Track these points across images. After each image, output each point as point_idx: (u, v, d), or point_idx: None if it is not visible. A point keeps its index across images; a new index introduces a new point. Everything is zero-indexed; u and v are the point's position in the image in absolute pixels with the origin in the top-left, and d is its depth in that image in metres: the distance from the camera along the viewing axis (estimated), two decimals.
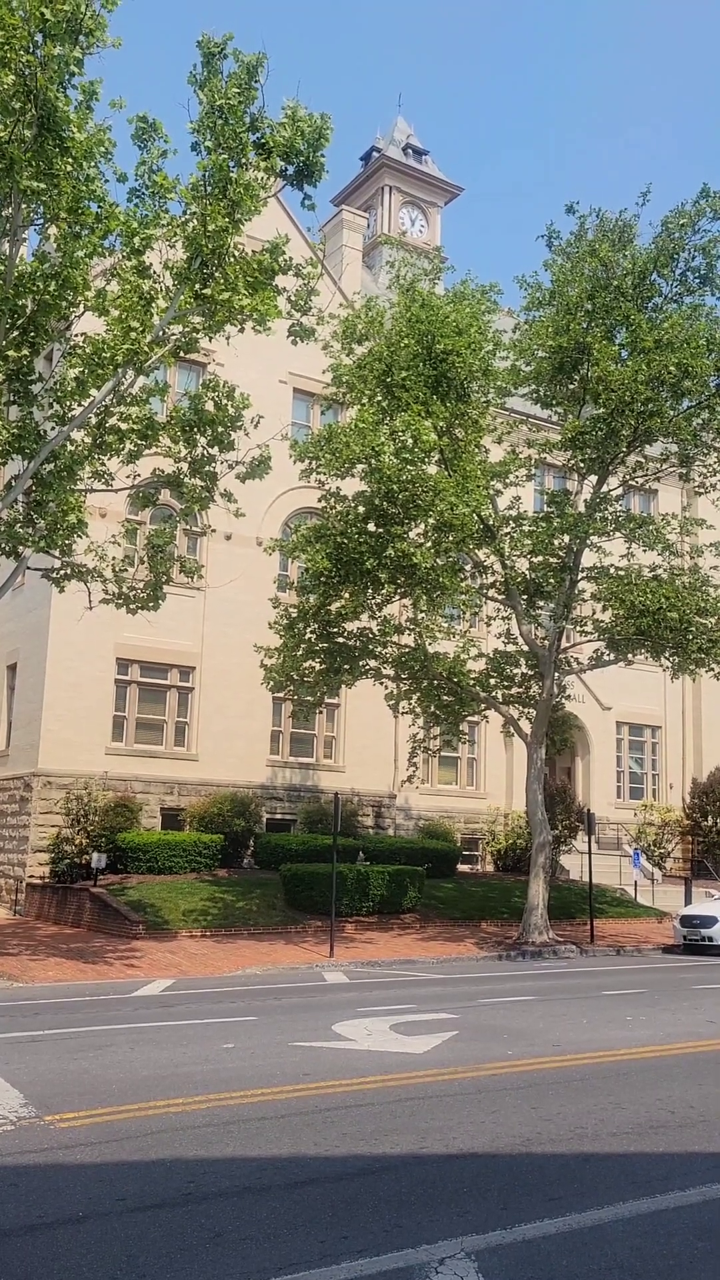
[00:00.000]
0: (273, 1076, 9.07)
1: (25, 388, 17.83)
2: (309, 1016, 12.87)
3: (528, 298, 24.42)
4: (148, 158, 16.50)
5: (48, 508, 18.41)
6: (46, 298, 16.75)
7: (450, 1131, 7.36)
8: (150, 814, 27.94)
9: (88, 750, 27.34)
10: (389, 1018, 12.46)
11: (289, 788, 30.74)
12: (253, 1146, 6.93)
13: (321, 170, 16.80)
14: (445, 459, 22.54)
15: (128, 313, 17.10)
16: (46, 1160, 6.61)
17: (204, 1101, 8.13)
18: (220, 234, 16.32)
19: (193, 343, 18.39)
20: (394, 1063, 9.81)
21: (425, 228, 43.99)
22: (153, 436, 18.63)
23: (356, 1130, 7.35)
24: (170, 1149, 6.84)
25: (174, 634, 28.56)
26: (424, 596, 22.29)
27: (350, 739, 31.95)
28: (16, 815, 27.90)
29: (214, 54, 15.97)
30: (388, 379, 22.39)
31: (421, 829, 32.47)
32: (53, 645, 27.11)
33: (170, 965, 18.84)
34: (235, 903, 24.31)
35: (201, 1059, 9.90)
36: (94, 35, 15.26)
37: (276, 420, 26.94)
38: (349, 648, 23.90)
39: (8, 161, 14.83)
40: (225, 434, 19.10)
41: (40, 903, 25.96)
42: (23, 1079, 8.79)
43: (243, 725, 29.73)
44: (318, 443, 22.61)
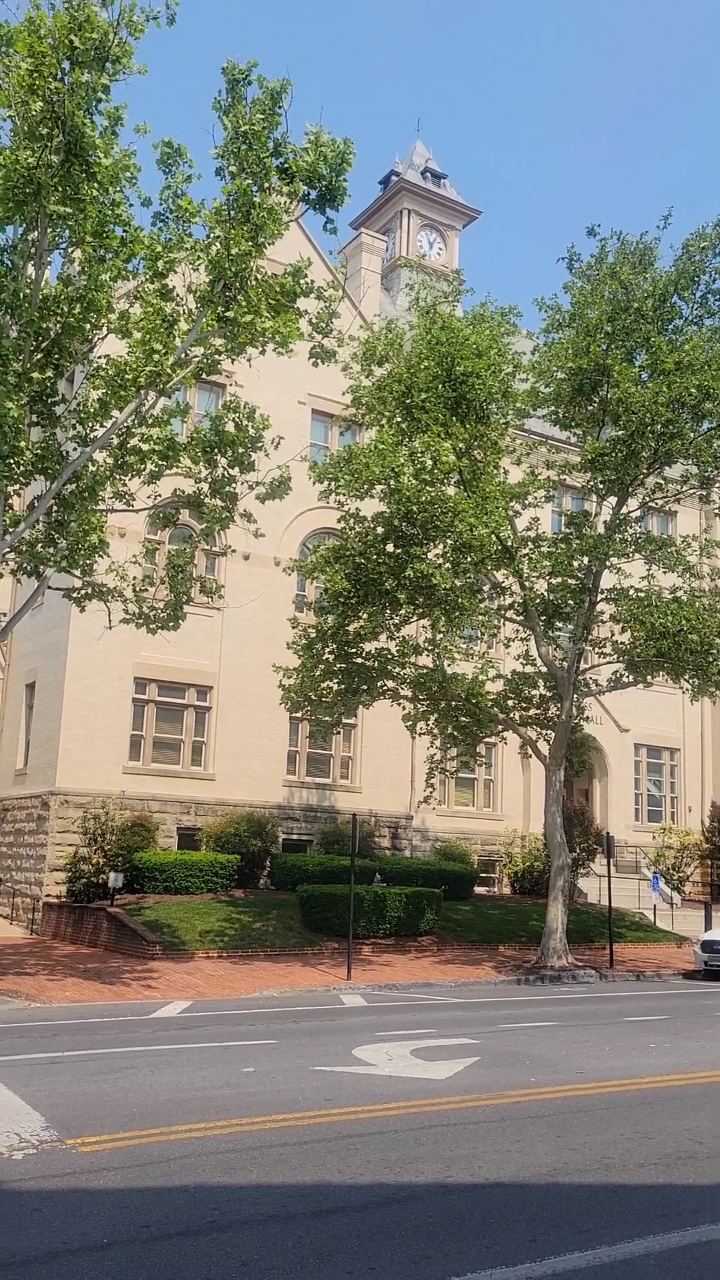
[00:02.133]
0: (294, 1102, 8.99)
1: (48, 409, 17.97)
2: (328, 1040, 12.78)
3: (547, 320, 24.49)
4: (172, 182, 16.68)
5: (69, 528, 18.50)
6: (70, 320, 16.91)
7: (475, 1160, 7.28)
8: (167, 834, 27.92)
9: (105, 769, 27.37)
10: (409, 1042, 12.36)
11: (305, 808, 30.67)
12: (276, 1173, 6.87)
13: (344, 194, 16.92)
14: (464, 480, 22.56)
15: (150, 335, 17.23)
16: (69, 1185, 6.56)
17: (226, 1126, 8.07)
18: (243, 257, 16.46)
19: (214, 364, 18.51)
20: (416, 1089, 9.72)
21: (444, 250, 44.22)
22: (173, 457, 18.73)
23: (381, 1158, 7.28)
24: (193, 1175, 6.79)
25: (192, 654, 28.61)
26: (442, 617, 22.27)
27: (367, 760, 31.88)
28: (34, 834, 27.92)
29: (239, 80, 16.14)
30: (407, 400, 22.47)
31: (438, 851, 32.32)
32: (71, 664, 27.20)
33: (188, 986, 18.77)
34: (252, 924, 24.22)
35: (222, 1082, 9.83)
36: (120, 62, 15.45)
37: (296, 441, 27.04)
38: (367, 668, 23.87)
39: (35, 187, 15.01)
40: (245, 455, 19.19)
41: (57, 922, 25.93)
42: (43, 1101, 8.75)
43: (260, 745, 29.71)
44: (337, 463, 22.68)
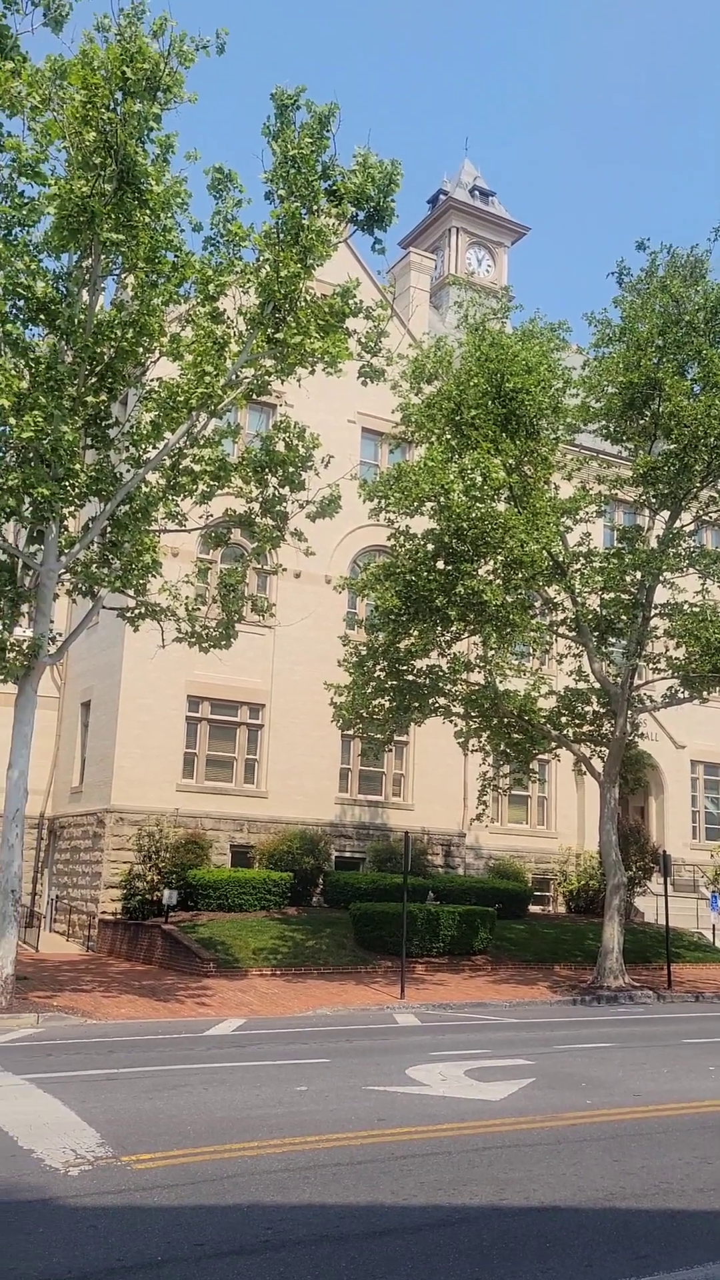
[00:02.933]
0: (348, 1121, 8.97)
1: (102, 432, 18.27)
2: (382, 1060, 12.73)
3: (597, 334, 24.41)
4: (222, 207, 16.93)
5: (123, 548, 18.76)
6: (124, 345, 17.19)
7: (530, 1183, 7.20)
8: (220, 851, 28.05)
9: (159, 787, 27.59)
10: (463, 1063, 12.27)
11: (358, 826, 30.64)
12: (330, 1193, 6.85)
13: (392, 215, 17.05)
14: (515, 496, 22.51)
15: (202, 357, 17.46)
16: (124, 1202, 6.60)
17: (280, 1145, 8.07)
18: (292, 279, 16.64)
19: (264, 385, 18.71)
20: (470, 1110, 9.64)
21: (492, 267, 44.28)
22: (225, 477, 18.94)
23: (434, 1179, 7.23)
24: (247, 1194, 6.79)
25: (244, 671, 28.78)
26: (494, 634, 22.19)
27: (419, 777, 31.79)
28: (90, 851, 28.21)
29: (287, 105, 16.36)
30: (456, 417, 22.49)
31: (492, 868, 32.09)
32: (126, 683, 27.50)
33: (241, 1004, 18.81)
34: (305, 941, 24.22)
35: (275, 1101, 9.84)
36: (171, 91, 15.75)
37: (346, 460, 27.16)
38: (418, 685, 23.84)
39: (89, 215, 15.31)
40: (296, 474, 19.34)
41: (112, 939, 26.15)
42: (99, 1118, 8.81)
43: (312, 763, 29.77)
44: (386, 481, 22.75)
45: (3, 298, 16.01)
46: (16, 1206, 6.47)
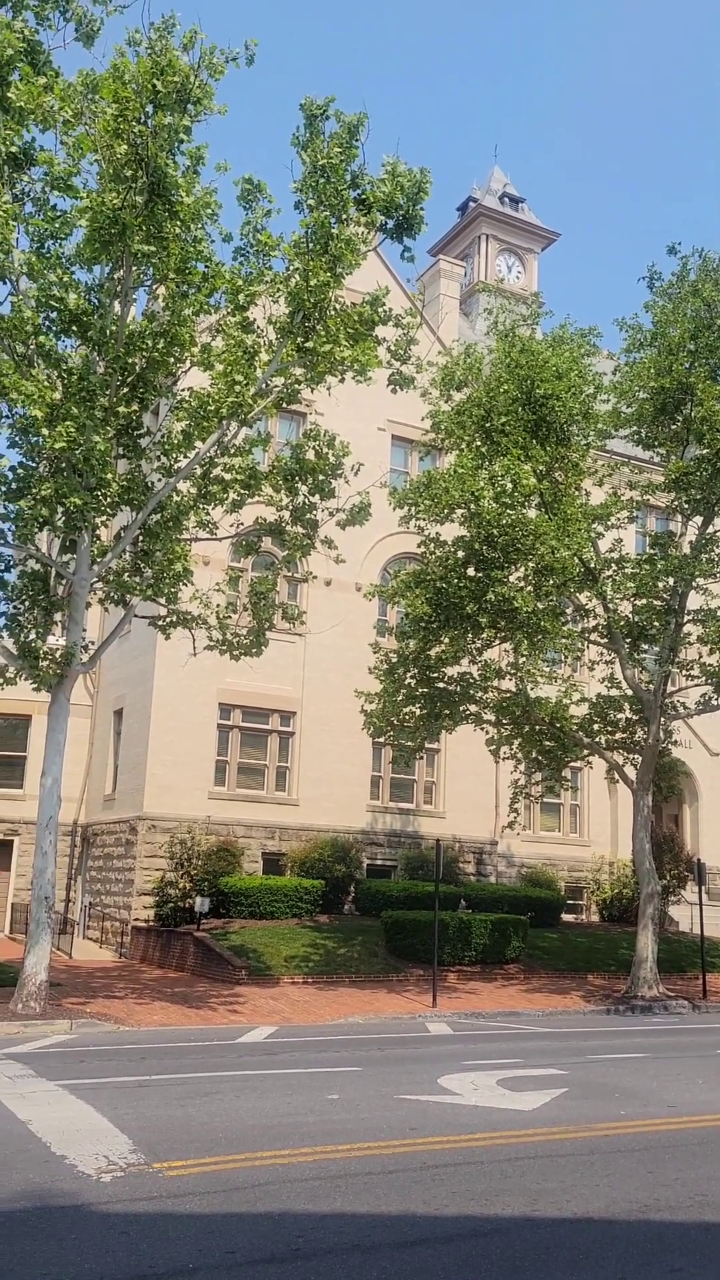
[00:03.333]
0: (379, 1130, 8.94)
1: (134, 442, 18.40)
2: (413, 1068, 12.68)
3: (628, 339, 24.29)
4: (252, 217, 17.03)
5: (154, 557, 18.88)
6: (155, 355, 17.31)
7: (563, 1194, 7.14)
8: (252, 858, 28.10)
9: (191, 794, 27.70)
10: (495, 1072, 12.19)
11: (389, 833, 30.59)
12: (361, 1202, 6.82)
13: (421, 223, 17.08)
14: (545, 502, 22.43)
15: (232, 367, 17.55)
16: (156, 1209, 6.61)
17: (311, 1154, 8.05)
18: (322, 288, 16.69)
19: (294, 394, 18.78)
20: (502, 1120, 9.58)
21: (522, 274, 44.23)
22: (255, 486, 19.01)
23: (466, 1189, 7.18)
24: (278, 1202, 6.78)
25: (275, 679, 28.84)
26: (525, 641, 22.11)
27: (451, 785, 31.70)
28: (122, 858, 28.35)
29: (316, 116, 16.44)
30: (486, 424, 22.45)
31: (524, 877, 31.93)
32: (157, 691, 27.64)
33: (273, 1012, 18.81)
34: (336, 949, 24.20)
35: (307, 1109, 9.82)
36: (201, 104, 15.88)
37: (376, 467, 27.20)
38: (449, 693, 23.79)
39: (120, 227, 15.45)
40: (326, 482, 19.38)
41: (145, 946, 26.25)
42: (131, 1125, 8.84)
43: (343, 770, 29.77)
44: (417, 488, 22.75)
45: (36, 310, 16.18)
46: (49, 1212, 6.50)
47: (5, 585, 18.96)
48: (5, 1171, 7.35)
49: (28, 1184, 7.07)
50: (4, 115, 16.02)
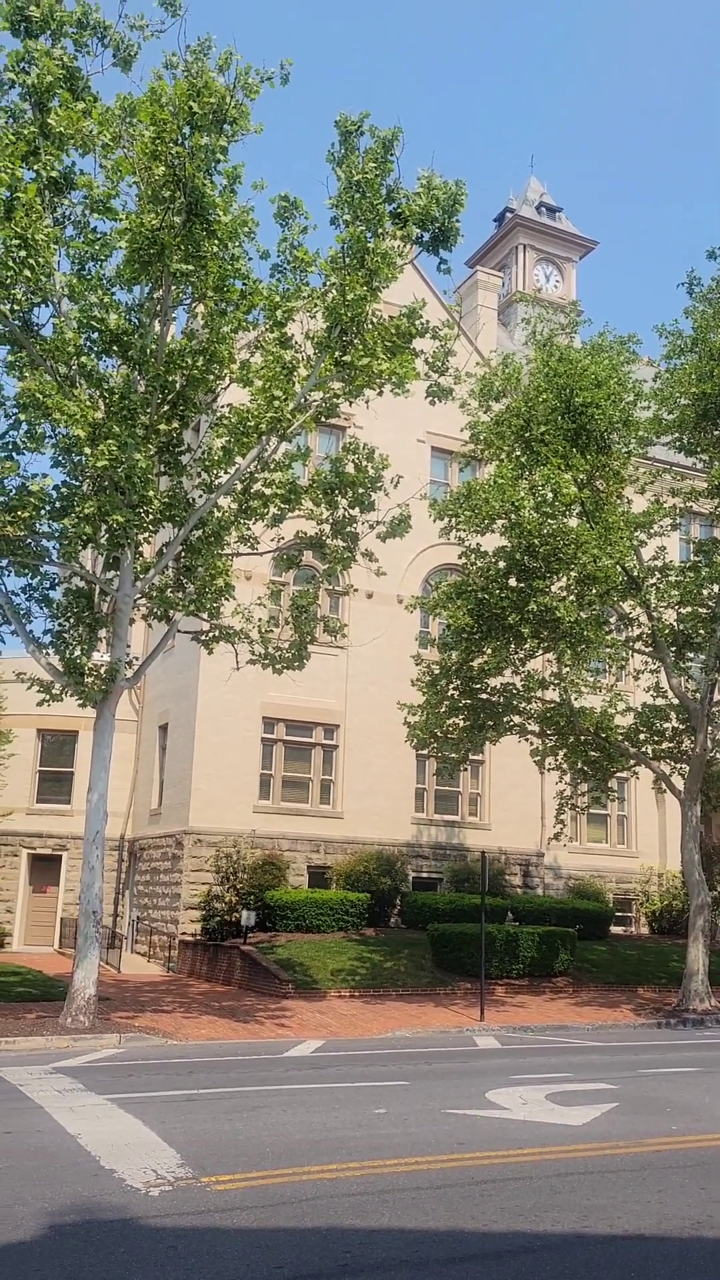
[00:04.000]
0: (427, 1145, 8.88)
1: (175, 458, 18.57)
2: (461, 1083, 12.60)
3: (668, 346, 24.11)
4: (289, 234, 17.15)
5: (196, 572, 19.02)
6: (195, 372, 17.47)
7: (614, 1210, 7.05)
8: (297, 872, 28.12)
9: (236, 809, 27.79)
10: (544, 1086, 12.07)
11: (434, 846, 30.48)
12: (409, 1218, 6.78)
13: (456, 235, 17.09)
14: (586, 511, 22.29)
15: (271, 382, 17.67)
16: (204, 1223, 6.62)
17: (358, 1168, 8.02)
18: (358, 302, 16.76)
19: (333, 408, 18.85)
20: (551, 1134, 9.48)
21: (560, 283, 44.10)
22: (295, 500, 19.10)
23: (515, 1205, 7.11)
24: (326, 1217, 6.76)
25: (318, 692, 28.89)
26: (568, 650, 21.96)
27: (496, 796, 31.53)
28: (169, 873, 28.50)
29: (351, 132, 16.53)
30: (526, 434, 22.37)
31: (571, 889, 31.65)
32: (201, 706, 27.80)
33: (320, 1026, 18.78)
34: (383, 963, 24.12)
35: (354, 1124, 9.79)
36: (237, 123, 16.05)
37: (415, 479, 27.18)
38: (492, 704, 23.68)
39: (159, 247, 15.64)
40: (365, 495, 19.42)
41: (192, 960, 26.35)
42: (179, 1139, 8.86)
43: (387, 783, 29.72)
44: (457, 500, 22.72)
45: (77, 331, 16.42)
46: (99, 1226, 6.53)
47: (51, 603, 19.19)
48: (55, 1185, 7.40)
49: (77, 1197, 7.11)
50: (45, 141, 16.29)
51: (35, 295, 16.29)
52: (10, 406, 17.14)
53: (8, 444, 17.33)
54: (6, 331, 16.79)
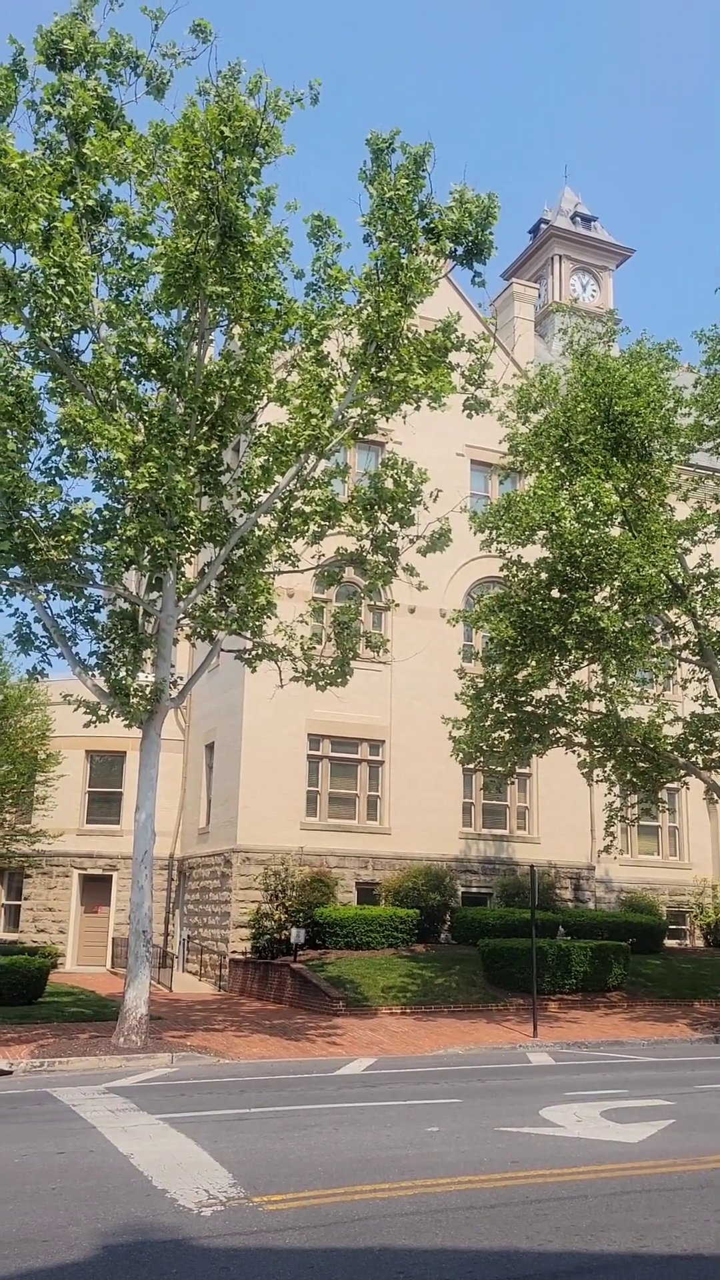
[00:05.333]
0: (480, 1163, 8.78)
1: (215, 479, 18.72)
2: (514, 1100, 12.45)
3: (708, 351, 23.89)
4: (323, 253, 17.26)
5: (239, 591, 19.13)
6: (232, 393, 17.63)
7: (672, 1229, 6.91)
8: (346, 888, 28.06)
9: (283, 826, 27.81)
10: (599, 1103, 11.90)
11: (483, 860, 30.28)
12: (462, 1237, 6.70)
13: (490, 248, 17.11)
14: (628, 520, 22.12)
15: (308, 401, 17.76)
16: (256, 1243, 6.58)
17: (411, 1187, 7.95)
18: (393, 318, 16.82)
19: (371, 424, 18.90)
20: (607, 1152, 9.33)
21: (597, 292, 43.95)
22: (335, 517, 19.15)
23: (570, 1224, 7.00)
24: (378, 1237, 6.70)
25: (362, 708, 28.88)
26: (613, 661, 21.76)
27: (544, 809, 31.28)
28: (218, 891, 28.58)
29: (382, 149, 16.62)
30: (565, 444, 22.28)
31: (623, 902, 31.26)
32: (247, 724, 27.90)
33: (371, 1043, 18.69)
34: (434, 979, 23.96)
35: (406, 1142, 9.71)
36: (269, 146, 16.20)
37: (455, 493, 27.18)
38: (538, 716, 23.51)
39: (194, 271, 15.81)
40: (405, 510, 19.43)
41: (243, 978, 26.37)
42: (230, 1158, 8.84)
43: (434, 797, 29.60)
44: (497, 512, 22.65)
45: (116, 356, 16.64)
46: (151, 1246, 6.52)
47: (95, 625, 19.39)
48: (108, 1205, 7.41)
49: (130, 1217, 7.11)
50: (81, 171, 16.59)
51: (74, 322, 16.55)
52: (52, 432, 17.41)
53: (50, 469, 17.60)
54: (47, 358, 17.07)
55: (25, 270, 16.09)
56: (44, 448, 17.70)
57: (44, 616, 18.61)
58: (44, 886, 32.70)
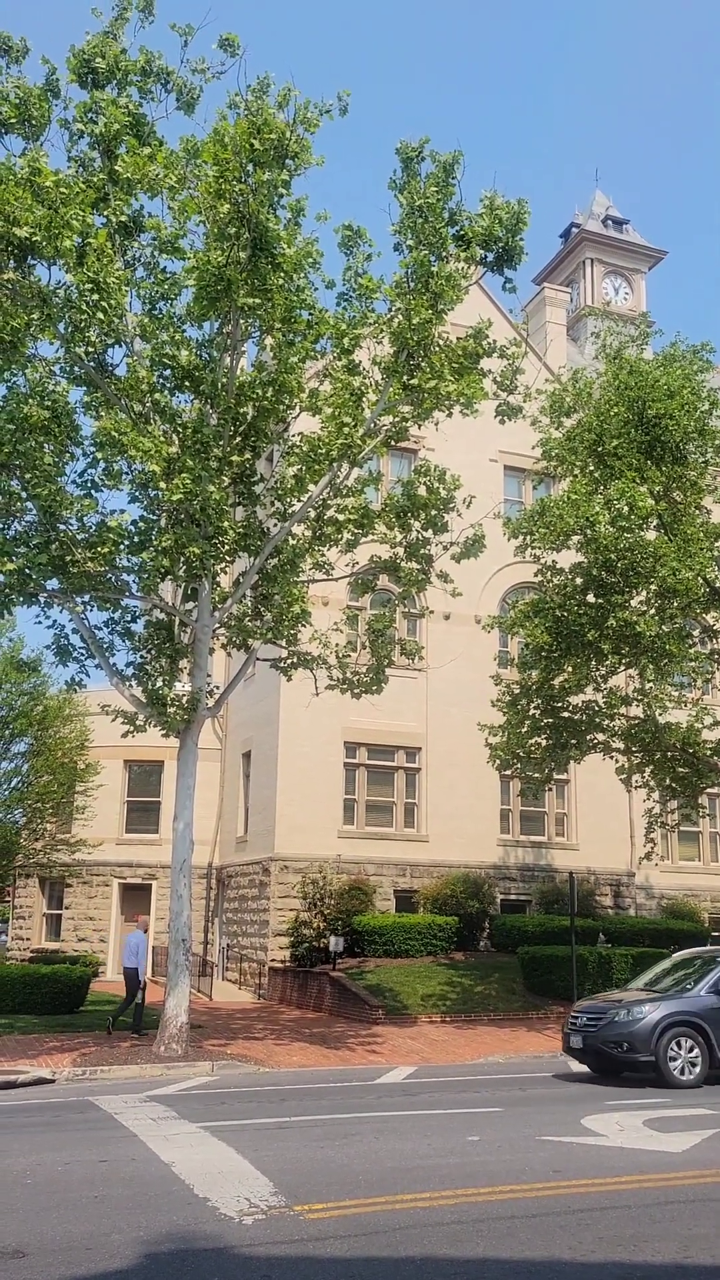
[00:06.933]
0: (521, 1172, 8.74)
1: (248, 489, 18.83)
2: (555, 1109, 12.37)
3: None
4: (353, 262, 17.32)
5: (273, 600, 19.21)
6: (265, 403, 17.73)
7: (717, 1241, 6.84)
8: (384, 896, 28.03)
9: (320, 834, 27.84)
10: (641, 1112, 11.80)
11: (522, 867, 30.13)
12: (504, 1247, 6.67)
13: (521, 254, 17.10)
14: (664, 524, 21.95)
15: (340, 409, 17.82)
16: (298, 1252, 6.59)
17: (452, 1196, 7.93)
18: (424, 326, 16.84)
19: (403, 431, 18.93)
20: (649, 1162, 9.25)
21: (630, 295, 43.74)
22: (369, 525, 19.19)
23: (613, 1234, 6.95)
24: (420, 1246, 6.69)
25: (398, 715, 28.86)
26: (651, 666, 21.58)
27: (582, 815, 31.08)
28: (257, 899, 28.65)
29: (412, 158, 16.67)
30: (599, 448, 22.16)
31: (664, 908, 30.97)
32: (283, 732, 27.97)
33: (411, 1052, 18.64)
34: (473, 987, 23.86)
35: (447, 1151, 9.68)
36: (299, 158, 16.29)
37: (488, 499, 27.11)
38: (575, 722, 23.37)
39: (226, 283, 15.93)
40: (438, 516, 19.43)
41: (282, 986, 26.40)
42: (271, 1167, 8.86)
43: (471, 805, 29.51)
44: (531, 517, 22.56)
45: (150, 369, 16.80)
46: (194, 1255, 6.55)
47: (132, 635, 19.56)
48: (150, 1213, 7.45)
49: (172, 1226, 7.15)
50: (114, 187, 16.77)
51: (109, 336, 16.73)
52: (88, 445, 17.60)
53: (86, 482, 17.78)
54: (82, 373, 17.26)
55: (60, 287, 16.29)
56: (80, 461, 17.93)
57: (82, 628, 18.80)
58: (84, 896, 32.97)
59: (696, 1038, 14.48)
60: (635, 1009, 14.75)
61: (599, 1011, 15.19)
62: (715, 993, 15.05)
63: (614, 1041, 14.62)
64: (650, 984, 16.55)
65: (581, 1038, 15.19)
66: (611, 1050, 14.66)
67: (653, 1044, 14.27)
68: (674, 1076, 14.20)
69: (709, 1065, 14.47)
